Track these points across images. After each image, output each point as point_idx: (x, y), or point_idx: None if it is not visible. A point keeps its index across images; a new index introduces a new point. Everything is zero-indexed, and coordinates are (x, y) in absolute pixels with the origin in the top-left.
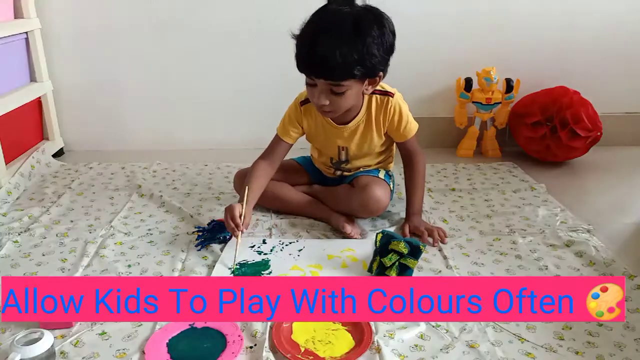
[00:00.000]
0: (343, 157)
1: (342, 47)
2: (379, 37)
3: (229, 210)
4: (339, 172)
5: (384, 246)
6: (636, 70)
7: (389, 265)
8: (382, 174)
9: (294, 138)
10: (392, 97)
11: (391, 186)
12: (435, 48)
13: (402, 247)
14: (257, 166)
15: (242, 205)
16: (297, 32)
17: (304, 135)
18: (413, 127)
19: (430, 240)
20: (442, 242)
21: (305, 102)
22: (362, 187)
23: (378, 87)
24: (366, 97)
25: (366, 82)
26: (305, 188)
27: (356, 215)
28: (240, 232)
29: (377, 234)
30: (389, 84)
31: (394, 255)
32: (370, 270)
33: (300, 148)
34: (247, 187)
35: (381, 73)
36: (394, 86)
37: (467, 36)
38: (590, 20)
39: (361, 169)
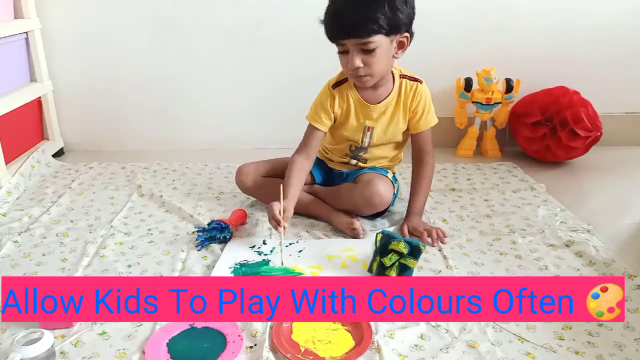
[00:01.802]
0: (366, 142)
1: (364, 2)
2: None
3: (269, 209)
4: (354, 162)
5: (384, 246)
6: (636, 70)
7: (389, 265)
8: (389, 175)
9: (326, 125)
10: (421, 83)
11: (395, 188)
12: (435, 48)
13: (402, 247)
14: (294, 163)
15: (281, 200)
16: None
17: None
18: (433, 118)
19: (430, 240)
20: (442, 242)
21: (337, 84)
22: (366, 182)
23: (408, 74)
24: (397, 80)
25: (394, 44)
26: (306, 188)
27: (359, 212)
28: (282, 228)
29: (377, 234)
30: None
31: (394, 255)
32: (370, 270)
33: None
34: (281, 185)
35: (407, 34)
36: None
37: (467, 36)
38: (590, 20)
39: (375, 165)
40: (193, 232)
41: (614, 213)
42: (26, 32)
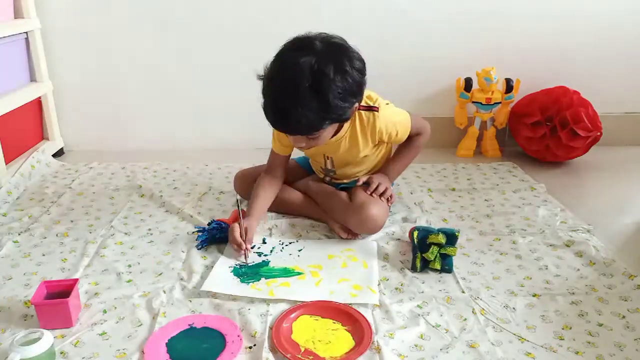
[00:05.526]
0: (329, 166)
1: (304, 109)
2: (342, 82)
3: (230, 232)
4: (328, 179)
5: (421, 241)
6: (636, 70)
7: (432, 259)
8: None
9: (286, 150)
10: (377, 111)
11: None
12: (435, 48)
13: (441, 238)
14: (261, 180)
15: (240, 222)
16: (262, 73)
17: None
18: (406, 127)
19: (374, 194)
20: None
21: None
22: (359, 205)
23: (361, 104)
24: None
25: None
26: (303, 181)
27: (351, 229)
28: (246, 250)
29: (412, 231)
30: (388, 84)
31: (435, 248)
32: (414, 268)
33: None
34: (239, 205)
35: (355, 105)
36: (393, 86)
37: (467, 36)
38: (590, 20)
39: (352, 179)
40: (193, 232)
41: (614, 213)
42: (26, 32)
